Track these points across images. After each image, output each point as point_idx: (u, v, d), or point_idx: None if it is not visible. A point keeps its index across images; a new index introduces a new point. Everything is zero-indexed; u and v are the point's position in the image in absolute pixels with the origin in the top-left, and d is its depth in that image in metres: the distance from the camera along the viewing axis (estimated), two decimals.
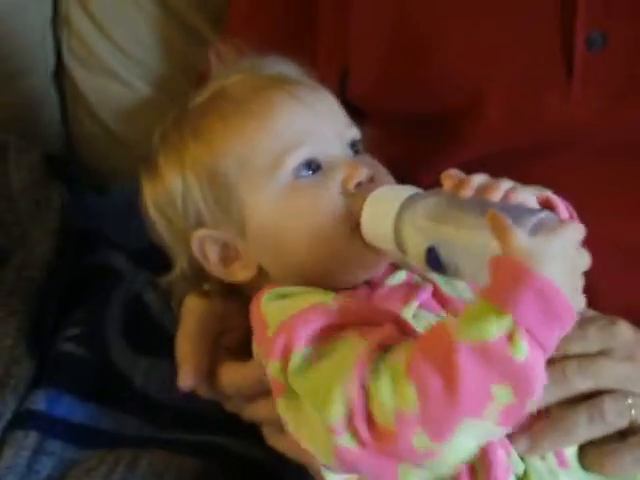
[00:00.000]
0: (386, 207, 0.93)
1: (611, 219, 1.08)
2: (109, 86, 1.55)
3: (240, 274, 1.01)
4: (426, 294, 0.97)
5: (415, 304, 0.96)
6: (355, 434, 0.85)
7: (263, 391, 0.98)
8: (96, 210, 1.51)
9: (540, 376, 0.82)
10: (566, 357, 0.95)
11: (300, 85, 1.01)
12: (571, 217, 0.96)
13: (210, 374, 1.05)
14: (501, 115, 1.10)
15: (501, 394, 0.81)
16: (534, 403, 0.84)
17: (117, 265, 1.40)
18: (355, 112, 1.21)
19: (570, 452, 0.94)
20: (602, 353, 0.96)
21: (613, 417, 0.94)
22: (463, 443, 0.84)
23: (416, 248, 0.91)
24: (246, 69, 1.03)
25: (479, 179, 0.91)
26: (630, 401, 0.95)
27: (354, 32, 1.17)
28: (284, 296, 0.95)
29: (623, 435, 0.95)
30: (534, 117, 1.09)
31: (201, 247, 1.00)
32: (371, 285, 0.99)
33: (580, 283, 0.85)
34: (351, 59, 1.19)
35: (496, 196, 0.89)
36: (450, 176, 0.92)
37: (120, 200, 1.39)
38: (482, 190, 0.90)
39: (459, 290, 1.00)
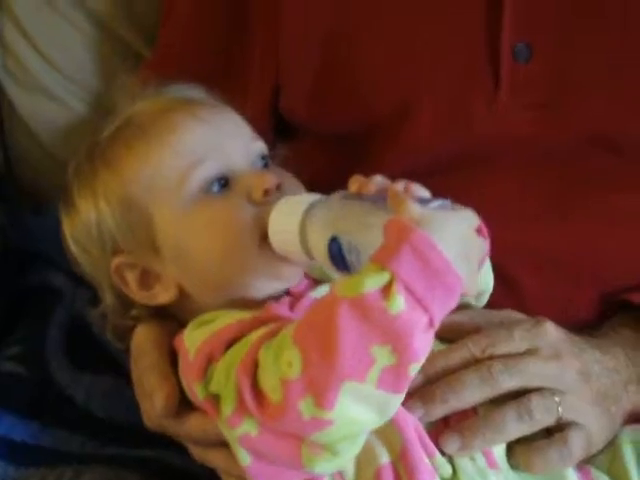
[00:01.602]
0: (291, 213, 0.94)
1: (536, 226, 1.10)
2: (45, 105, 1.54)
3: (162, 296, 1.02)
4: None
5: None
6: (248, 416, 0.86)
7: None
8: (35, 230, 1.50)
9: (422, 338, 0.81)
10: (493, 357, 0.97)
11: (203, 105, 1.04)
12: (479, 228, 0.97)
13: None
14: (430, 126, 1.12)
15: (381, 355, 0.81)
16: (416, 369, 0.83)
17: (56, 284, 1.40)
18: (287, 126, 1.24)
19: (499, 453, 0.96)
20: (528, 352, 0.98)
21: (540, 414, 0.95)
22: (351, 410, 0.83)
23: (319, 244, 0.91)
24: (150, 96, 1.06)
25: (381, 179, 0.92)
26: (557, 399, 0.97)
27: (285, 48, 1.19)
28: (205, 322, 0.96)
29: (549, 432, 0.97)
30: (462, 127, 1.11)
31: (120, 274, 1.02)
32: (293, 297, 1.00)
33: (476, 268, 0.86)
34: (282, 75, 1.20)
35: (399, 187, 0.91)
36: (356, 179, 0.94)
37: (58, 219, 1.39)
38: (384, 187, 0.91)
39: None
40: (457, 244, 0.82)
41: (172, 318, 1.05)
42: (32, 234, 1.47)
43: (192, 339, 0.95)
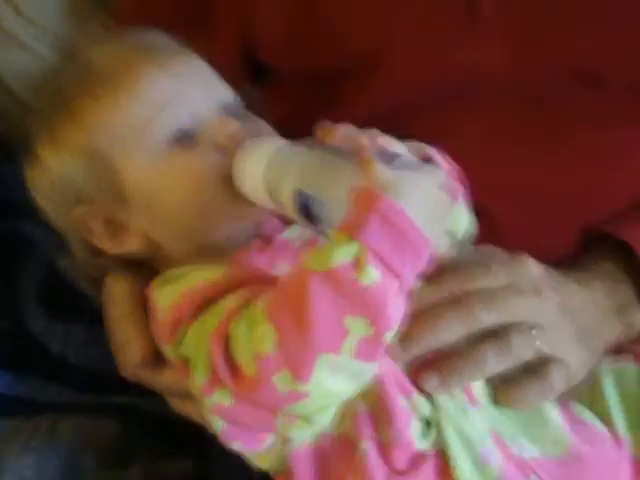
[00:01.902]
0: (256, 160, 0.93)
1: (517, 163, 1.09)
2: (17, 55, 1.52)
3: (128, 244, 1.01)
4: None
5: None
6: (221, 387, 0.85)
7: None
8: (7, 178, 1.49)
9: (395, 305, 0.82)
10: (470, 293, 0.96)
11: (166, 52, 1.02)
12: (454, 172, 0.96)
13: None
14: (403, 65, 1.10)
15: (356, 326, 0.81)
16: (391, 335, 0.83)
17: (29, 232, 1.38)
18: (260, 71, 1.22)
19: (478, 389, 0.95)
20: (507, 287, 0.97)
21: (520, 349, 0.95)
22: (327, 382, 0.83)
23: (285, 195, 0.90)
24: (112, 43, 1.04)
25: (346, 128, 0.91)
26: (534, 332, 0.96)
27: None
28: (174, 278, 0.95)
29: (528, 367, 0.96)
30: (437, 65, 1.09)
31: (86, 224, 1.01)
32: (264, 240, 0.99)
33: (443, 226, 0.86)
34: (255, 13, 1.18)
35: (363, 140, 0.89)
36: (322, 127, 0.92)
37: None
38: (351, 138, 0.90)
39: None
40: (424, 206, 0.82)
41: (142, 266, 1.04)
42: (4, 182, 1.46)
43: (161, 296, 0.94)
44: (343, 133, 0.91)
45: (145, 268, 1.04)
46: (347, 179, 0.84)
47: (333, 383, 0.83)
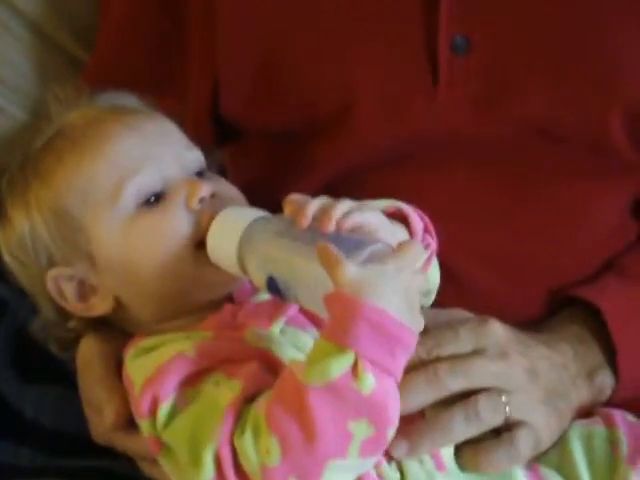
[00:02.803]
0: (229, 233, 0.94)
1: (481, 222, 1.10)
2: None
3: (99, 308, 1.01)
4: (293, 310, 0.98)
5: (282, 320, 0.97)
6: None
7: None
8: None
9: (394, 402, 0.83)
10: (438, 359, 0.96)
11: (136, 114, 1.03)
12: (425, 226, 0.98)
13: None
14: (369, 122, 1.11)
15: (359, 429, 0.82)
16: (393, 430, 0.84)
17: (0, 294, 1.38)
18: (227, 131, 1.22)
19: (447, 455, 0.96)
20: (475, 353, 0.98)
21: (488, 414, 0.95)
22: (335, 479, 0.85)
23: (258, 276, 0.92)
24: (82, 106, 1.05)
25: (316, 205, 0.91)
26: (504, 398, 0.96)
27: (223, 49, 1.17)
28: (146, 350, 0.95)
29: (497, 432, 0.97)
30: (402, 123, 1.10)
31: (57, 286, 1.01)
32: (236, 303, 0.99)
33: (417, 301, 0.86)
34: (221, 75, 1.19)
35: (330, 226, 0.89)
36: (290, 202, 0.92)
37: None
38: (318, 218, 0.90)
39: None
40: (400, 297, 0.83)
41: (111, 327, 1.04)
42: None
43: (136, 369, 0.95)
44: (311, 213, 0.90)
45: (115, 328, 1.04)
46: (315, 273, 0.85)
47: (339, 478, 0.85)
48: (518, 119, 1.08)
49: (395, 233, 0.94)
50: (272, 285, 0.90)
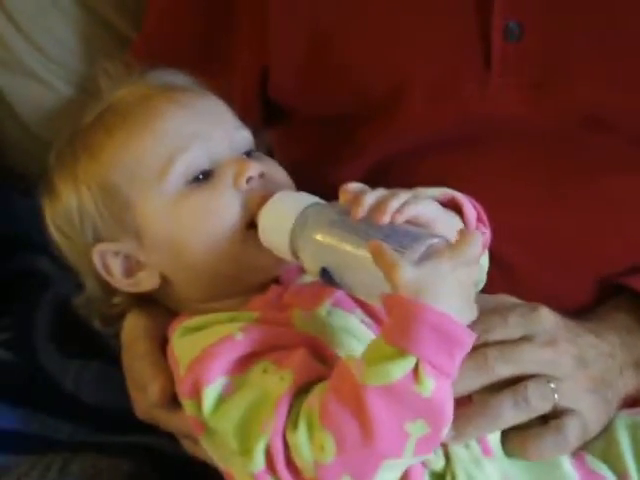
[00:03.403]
0: (282, 218, 0.94)
1: (530, 209, 1.09)
2: (31, 88, 1.52)
3: (145, 284, 1.01)
4: (340, 292, 0.97)
5: (329, 302, 0.97)
6: (276, 477, 0.86)
7: None
8: (22, 213, 1.49)
9: (450, 402, 0.84)
10: (488, 344, 0.96)
11: (185, 92, 1.03)
12: (478, 214, 0.97)
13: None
14: (421, 107, 1.10)
15: (416, 429, 0.83)
16: (447, 428, 0.85)
17: (43, 268, 1.38)
18: (275, 112, 1.22)
19: (494, 440, 0.95)
20: (524, 339, 0.97)
21: (537, 401, 0.95)
22: (385, 477, 0.85)
23: (311, 265, 0.92)
24: (133, 82, 1.05)
25: (372, 197, 0.90)
26: (553, 385, 0.96)
27: (274, 31, 1.17)
28: (193, 330, 0.95)
29: (545, 419, 0.96)
30: (454, 108, 1.10)
31: (103, 262, 1.01)
32: (282, 284, 0.99)
33: (472, 293, 0.86)
34: (272, 58, 1.19)
35: (385, 219, 0.89)
36: (346, 190, 0.92)
37: None
38: (374, 210, 0.89)
39: None
40: (457, 294, 0.84)
41: (156, 305, 1.04)
42: (20, 217, 1.46)
43: (182, 349, 0.95)
44: (368, 206, 0.90)
45: (159, 306, 1.05)
46: (370, 268, 0.85)
47: (390, 477, 0.86)
48: (569, 105, 1.07)
49: (450, 223, 0.94)
50: (326, 275, 0.90)
